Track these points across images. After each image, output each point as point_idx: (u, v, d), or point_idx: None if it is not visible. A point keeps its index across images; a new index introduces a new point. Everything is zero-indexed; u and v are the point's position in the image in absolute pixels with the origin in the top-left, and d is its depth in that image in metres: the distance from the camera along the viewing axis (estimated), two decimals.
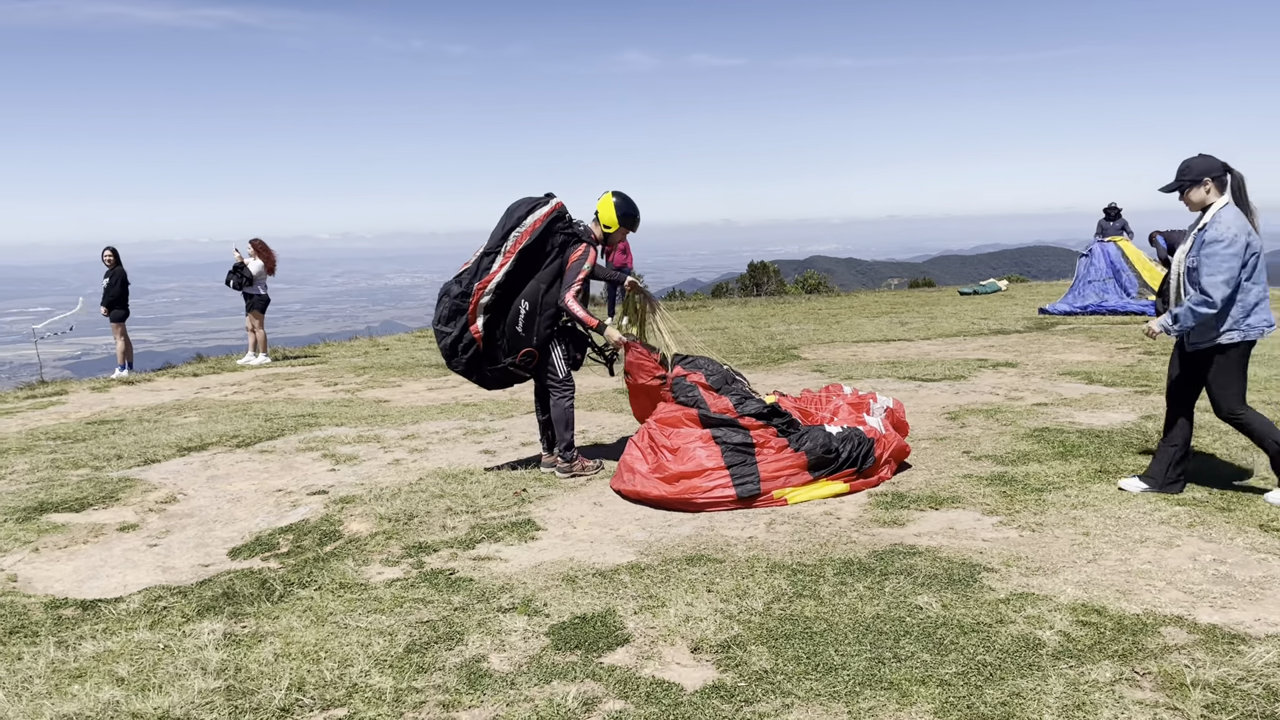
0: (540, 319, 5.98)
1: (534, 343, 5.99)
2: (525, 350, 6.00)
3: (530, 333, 5.97)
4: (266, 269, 13.90)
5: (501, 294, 5.93)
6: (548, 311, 5.99)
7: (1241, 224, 4.67)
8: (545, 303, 5.97)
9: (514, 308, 5.95)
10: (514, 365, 6.06)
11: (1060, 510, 5.04)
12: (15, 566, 5.05)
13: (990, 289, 22.54)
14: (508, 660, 3.65)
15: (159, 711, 3.34)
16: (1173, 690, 3.15)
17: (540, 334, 6.00)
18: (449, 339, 6.07)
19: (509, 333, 5.99)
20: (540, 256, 5.98)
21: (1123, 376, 8.93)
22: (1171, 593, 3.95)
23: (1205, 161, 4.78)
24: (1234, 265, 4.63)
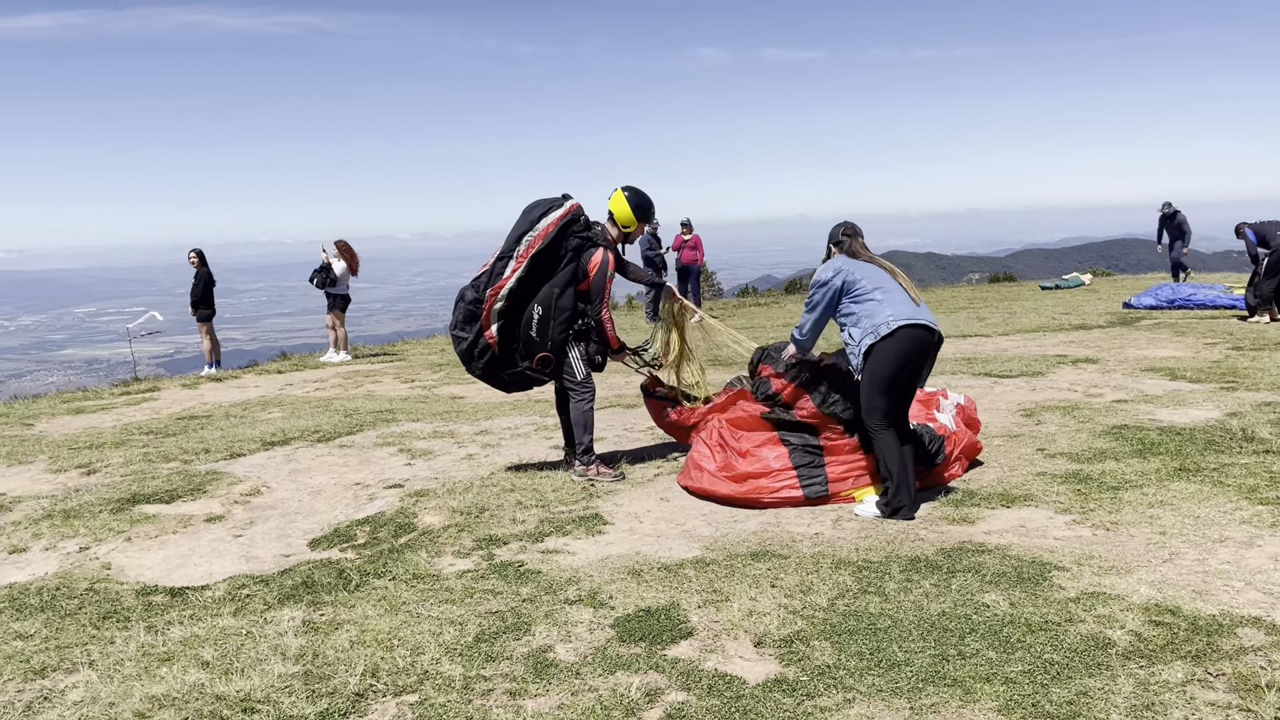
0: (554, 324, 5.92)
1: (548, 347, 5.94)
2: (541, 355, 5.96)
3: (545, 337, 5.93)
4: (350, 270, 14.25)
5: (515, 299, 5.91)
6: (562, 316, 5.93)
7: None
8: (559, 307, 5.92)
9: (528, 313, 5.92)
10: (530, 370, 6.04)
11: (1136, 509, 4.93)
12: (109, 555, 5.29)
13: (1073, 283, 22.00)
14: (573, 651, 3.72)
15: (241, 694, 3.48)
16: (1246, 692, 3.08)
17: (555, 338, 5.96)
18: (465, 344, 6.09)
19: (524, 338, 5.95)
20: (554, 261, 5.91)
21: (1208, 373, 8.66)
22: (1250, 593, 3.85)
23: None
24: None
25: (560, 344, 5.99)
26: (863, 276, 5.16)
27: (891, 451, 5.06)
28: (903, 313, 5.02)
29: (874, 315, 5.04)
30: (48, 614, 4.42)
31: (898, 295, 5.10)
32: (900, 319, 4.99)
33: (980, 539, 4.67)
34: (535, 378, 6.17)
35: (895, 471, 5.05)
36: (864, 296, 5.11)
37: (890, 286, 5.12)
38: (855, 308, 5.14)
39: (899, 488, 5.04)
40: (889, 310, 5.02)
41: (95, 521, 5.84)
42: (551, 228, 5.86)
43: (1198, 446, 6.01)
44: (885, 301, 5.06)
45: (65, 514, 6.03)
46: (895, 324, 4.97)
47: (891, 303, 5.05)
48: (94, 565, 5.11)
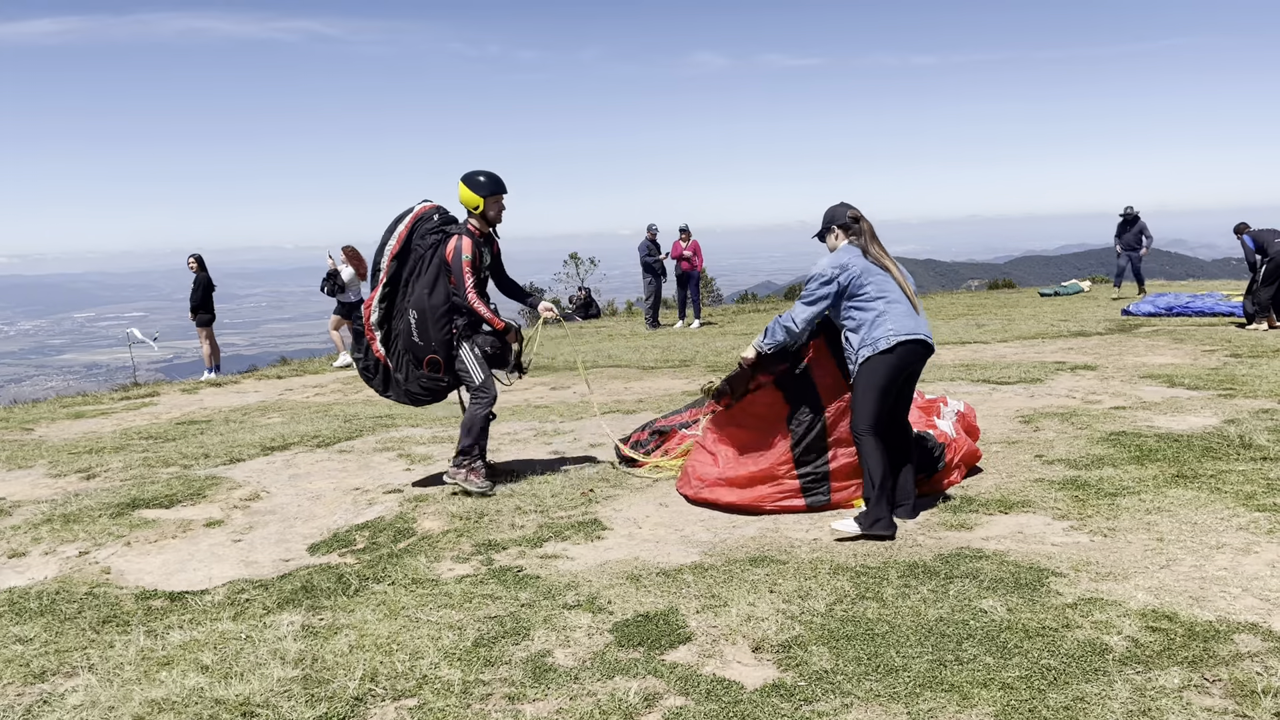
0: (432, 324, 5.84)
1: (433, 348, 5.86)
2: (429, 358, 5.89)
3: (427, 339, 5.85)
4: (359, 275, 14.22)
5: (390, 310, 5.90)
6: (437, 314, 5.83)
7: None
8: (432, 306, 5.83)
9: (405, 320, 5.89)
10: (427, 377, 5.95)
11: (1134, 515, 4.94)
12: (109, 559, 5.30)
13: (1072, 290, 22.04)
14: (572, 656, 3.73)
15: (240, 698, 3.49)
16: (1243, 698, 3.09)
17: (437, 338, 5.86)
18: (361, 364, 6.12)
19: (409, 345, 5.91)
20: (419, 262, 5.87)
21: (1206, 380, 8.68)
22: (1247, 600, 3.86)
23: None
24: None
25: (445, 343, 5.88)
26: (869, 281, 5.01)
27: (874, 459, 4.94)
28: (903, 327, 4.92)
29: (874, 327, 4.94)
30: (47, 618, 4.42)
31: (900, 306, 4.99)
32: (900, 334, 4.91)
33: (978, 545, 4.68)
34: (436, 387, 6.03)
35: (877, 481, 4.91)
36: (867, 304, 4.99)
37: (894, 296, 5.01)
38: (857, 314, 5.02)
39: (879, 499, 4.90)
40: (890, 324, 4.92)
41: (95, 526, 5.85)
42: (404, 232, 5.88)
43: (1195, 453, 6.03)
44: (888, 314, 4.95)
45: (65, 518, 6.04)
46: (895, 340, 4.90)
47: (893, 315, 4.95)
48: (93, 570, 5.12)
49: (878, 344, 4.90)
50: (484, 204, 5.93)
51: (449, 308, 5.83)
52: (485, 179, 5.95)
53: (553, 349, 15.11)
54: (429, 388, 6.02)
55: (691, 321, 18.48)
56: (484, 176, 5.96)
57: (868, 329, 4.96)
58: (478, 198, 5.92)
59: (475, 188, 5.92)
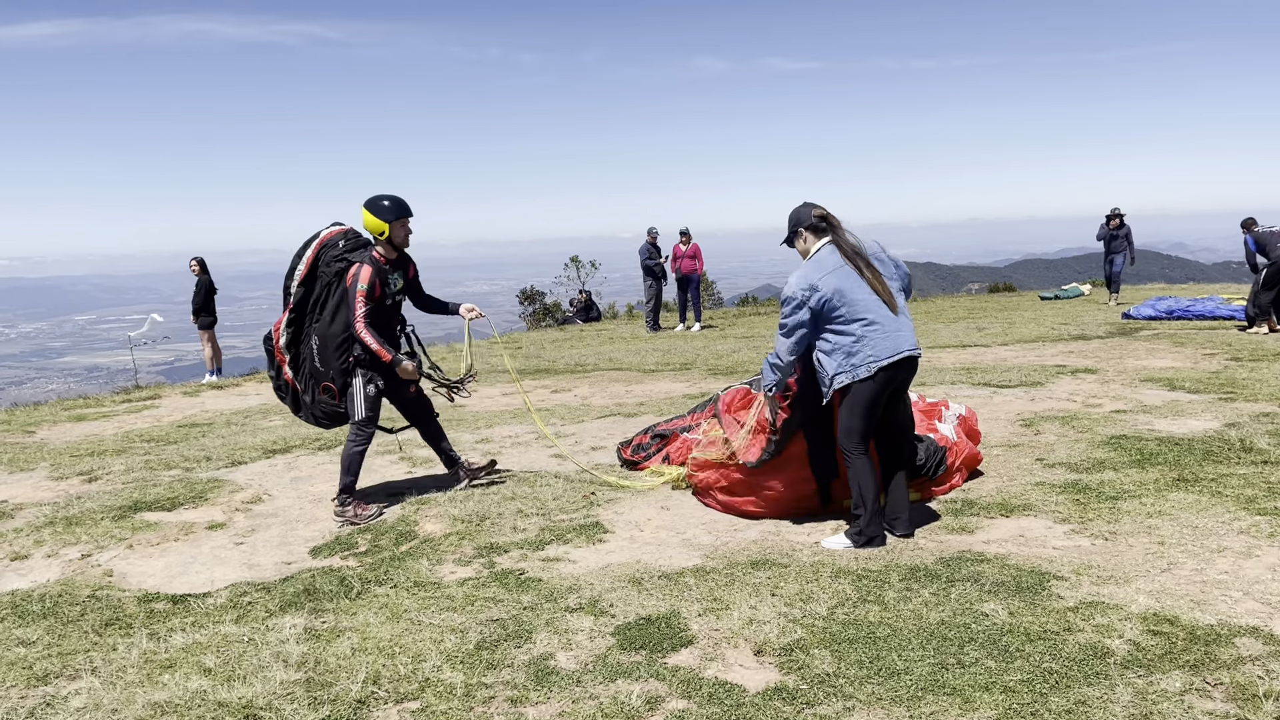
0: (330, 352, 5.77)
1: (330, 376, 5.81)
2: (324, 384, 5.83)
3: (327, 366, 5.80)
4: None
5: (296, 333, 5.90)
6: (334, 343, 5.76)
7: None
8: (332, 334, 5.76)
9: (308, 345, 5.86)
10: (327, 403, 5.88)
11: (1135, 519, 4.95)
12: (111, 562, 5.31)
13: (1073, 293, 22.04)
14: (574, 659, 3.74)
15: (243, 701, 3.50)
16: (1244, 701, 3.09)
17: (335, 366, 5.78)
18: (273, 384, 6.14)
19: (312, 370, 5.88)
20: (324, 289, 5.82)
21: (1207, 383, 8.68)
22: (1248, 603, 3.87)
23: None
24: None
25: (341, 371, 5.80)
26: (841, 303, 4.68)
27: (865, 478, 4.77)
28: (883, 351, 4.66)
29: (851, 354, 4.67)
30: (50, 621, 4.43)
31: (878, 328, 4.68)
32: (881, 360, 4.66)
33: (979, 548, 4.69)
34: (336, 412, 5.95)
35: (869, 498, 4.74)
36: (843, 328, 4.70)
37: (872, 314, 4.68)
38: (833, 338, 4.73)
39: (871, 517, 4.75)
40: (869, 349, 4.66)
41: (97, 529, 5.86)
42: (312, 256, 5.84)
43: (1196, 457, 6.03)
44: (865, 339, 4.66)
45: (67, 521, 6.05)
46: (875, 366, 4.65)
47: (871, 340, 4.66)
48: (96, 572, 5.13)
49: (857, 371, 4.68)
50: (389, 229, 5.73)
51: (347, 336, 5.72)
52: (390, 203, 5.74)
53: (485, 358, 15.12)
54: (329, 413, 5.96)
55: (692, 324, 18.49)
56: (388, 201, 5.75)
57: (844, 356, 4.70)
58: (382, 223, 5.71)
59: (379, 213, 5.72)
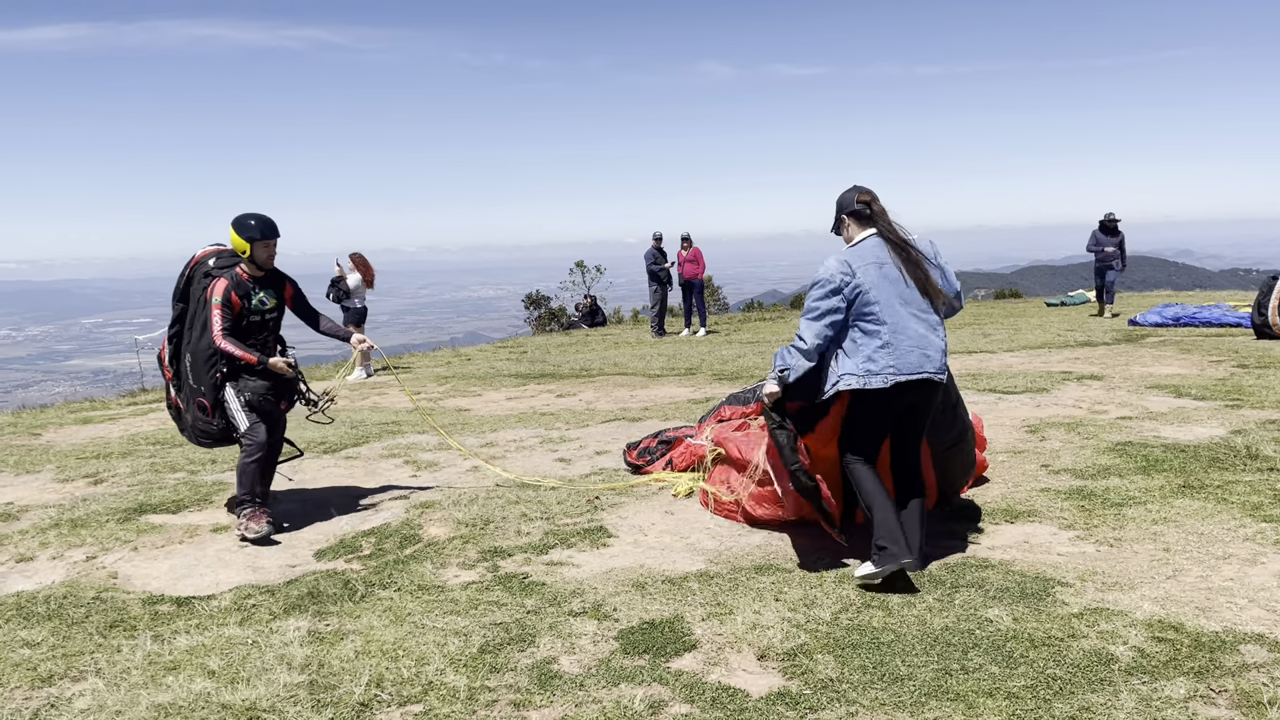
0: (201, 367, 5.81)
1: (203, 392, 5.82)
2: (198, 401, 5.84)
3: (199, 383, 5.83)
4: (366, 282, 14.17)
5: (176, 350, 5.95)
6: (204, 357, 5.79)
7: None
8: (201, 349, 5.80)
9: (183, 363, 5.90)
10: (202, 420, 5.87)
11: (1140, 525, 4.94)
12: (116, 564, 5.32)
13: (1079, 300, 22.01)
14: (577, 663, 3.74)
15: (246, 703, 3.50)
16: (1249, 708, 3.08)
17: (205, 381, 5.80)
18: (166, 403, 6.16)
19: (187, 388, 5.91)
20: (195, 305, 5.87)
21: (1213, 390, 8.66)
22: (1254, 610, 3.86)
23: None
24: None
25: (212, 386, 5.81)
26: (876, 300, 4.25)
27: (868, 483, 4.35)
28: (906, 364, 4.22)
29: (872, 358, 4.24)
30: (54, 622, 4.44)
31: (907, 337, 4.24)
32: (902, 373, 4.22)
33: (984, 554, 4.68)
34: (209, 428, 5.91)
35: (876, 513, 4.28)
36: (871, 328, 4.27)
37: (904, 319, 4.26)
38: (858, 336, 4.31)
39: (880, 531, 4.25)
40: (892, 359, 4.22)
41: (102, 531, 5.88)
42: (186, 273, 5.92)
43: (1202, 464, 6.02)
44: (892, 346, 4.22)
45: (72, 523, 6.07)
46: (893, 379, 4.22)
47: (899, 348, 4.22)
48: (101, 574, 5.14)
49: (871, 379, 4.23)
50: (251, 249, 5.74)
51: (214, 351, 5.74)
52: (254, 223, 5.76)
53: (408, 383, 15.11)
54: (204, 430, 5.93)
55: (697, 329, 18.49)
56: (253, 220, 5.77)
57: (864, 358, 4.26)
58: (245, 242, 5.74)
59: (243, 231, 5.74)
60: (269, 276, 5.91)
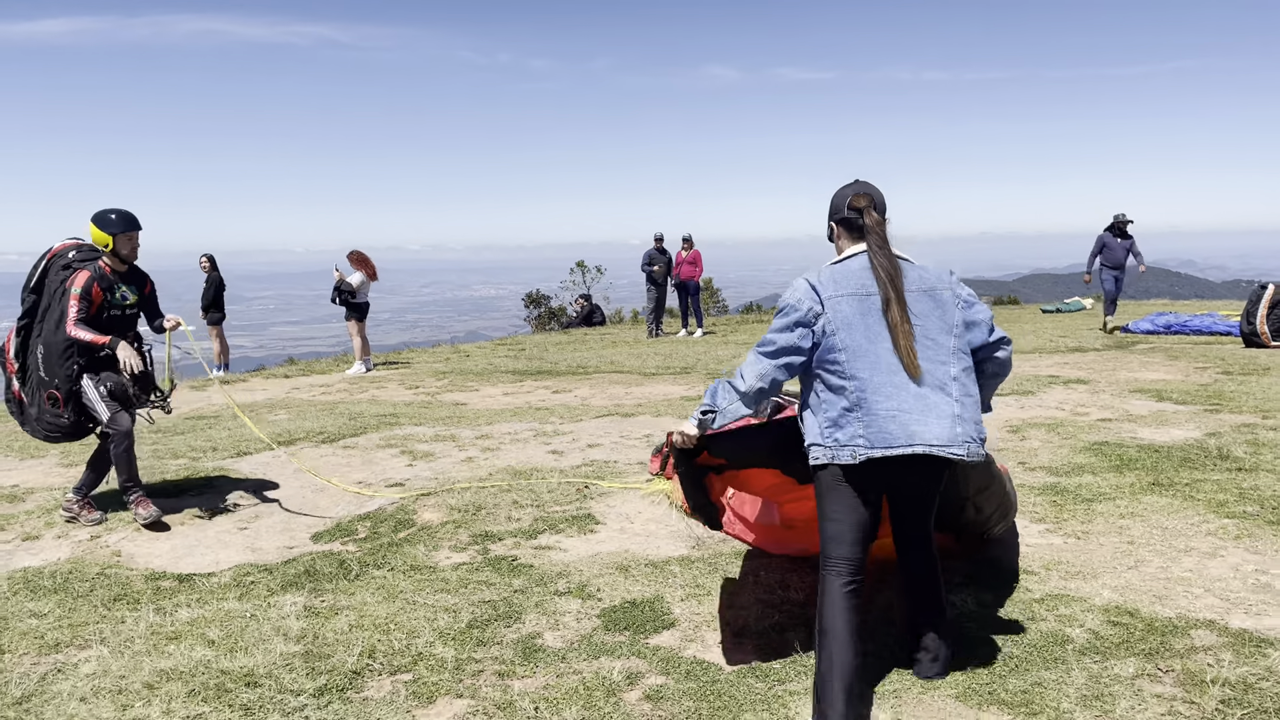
0: (56, 359, 5.78)
1: (55, 384, 5.79)
2: (49, 393, 5.83)
3: (52, 375, 5.79)
4: (369, 277, 14.25)
5: (24, 342, 5.92)
6: (60, 349, 5.76)
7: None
8: (56, 341, 5.77)
9: (34, 355, 5.88)
10: (50, 413, 5.84)
11: (1108, 520, 5.12)
12: (120, 543, 5.50)
13: (1074, 307, 22.19)
14: (560, 638, 3.92)
15: (244, 670, 3.69)
16: (1192, 686, 3.26)
17: (60, 374, 5.77)
18: (5, 398, 6.14)
19: (38, 380, 5.89)
20: (51, 299, 5.85)
21: (1195, 395, 8.84)
22: (1208, 599, 4.03)
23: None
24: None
25: (69, 378, 5.77)
26: (845, 344, 3.16)
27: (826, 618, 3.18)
28: (881, 435, 3.09)
29: (838, 423, 3.15)
30: (60, 595, 4.62)
31: (884, 398, 3.11)
32: (874, 448, 3.09)
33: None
34: (58, 421, 5.87)
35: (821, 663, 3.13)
36: (837, 381, 3.17)
37: (881, 372, 3.13)
38: (820, 390, 3.22)
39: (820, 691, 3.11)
40: (860, 426, 3.11)
41: (106, 511, 6.05)
42: (43, 266, 5.93)
43: (1173, 463, 6.19)
44: (862, 408, 3.12)
45: None
46: (862, 455, 3.09)
47: (869, 414, 3.10)
48: (105, 552, 5.32)
49: (838, 454, 3.13)
50: (114, 241, 5.77)
51: (71, 344, 5.77)
52: (115, 216, 5.79)
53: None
54: (54, 424, 5.93)
55: (694, 330, 18.66)
56: (114, 214, 5.80)
57: (828, 423, 3.18)
58: (107, 235, 5.77)
59: (104, 225, 5.77)
60: (131, 272, 5.93)
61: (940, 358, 3.18)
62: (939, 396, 3.13)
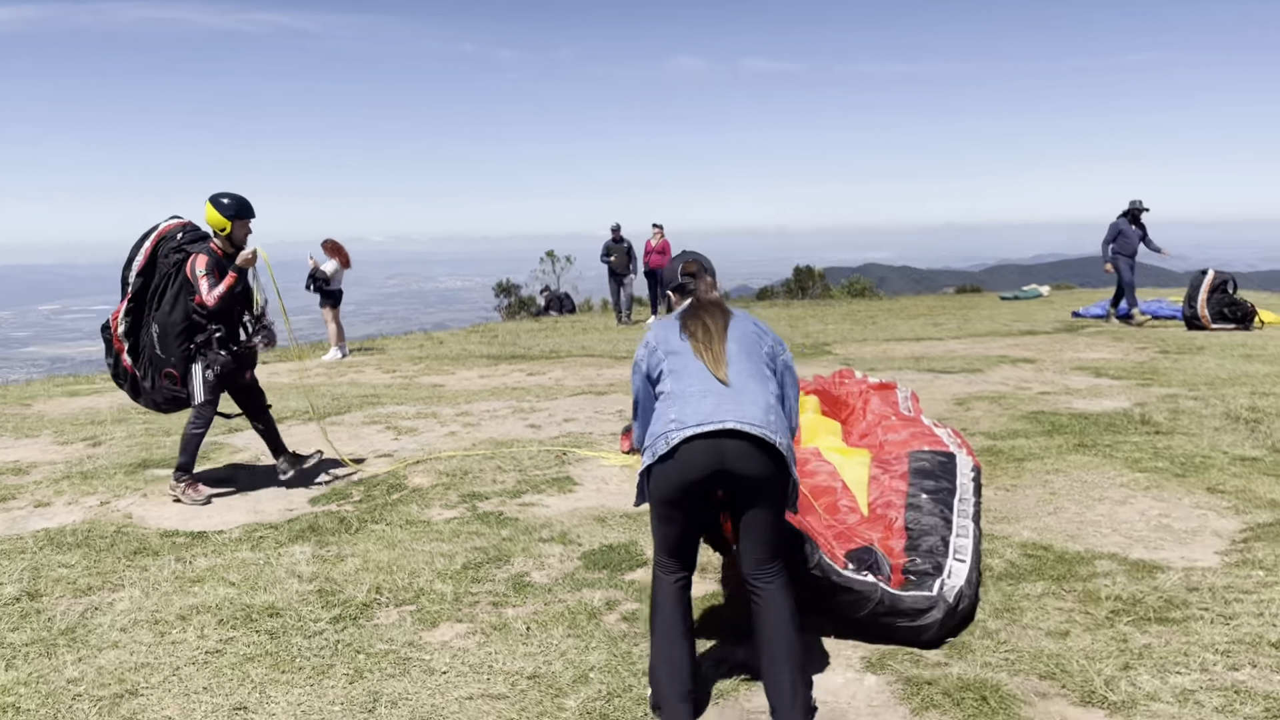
0: (172, 340, 6.03)
1: (172, 362, 6.07)
2: (166, 370, 6.11)
3: (168, 353, 6.07)
4: (342, 265, 14.55)
5: (134, 322, 6.17)
6: (175, 330, 6.03)
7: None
8: (172, 322, 6.02)
9: (148, 332, 6.13)
10: (168, 389, 6.15)
11: (1035, 475, 5.69)
12: (129, 507, 5.91)
13: (1031, 295, 22.93)
14: (547, 575, 4.42)
15: (265, 604, 4.15)
16: (1089, 601, 3.83)
17: (175, 353, 6.05)
18: (111, 370, 6.44)
19: (152, 357, 6.15)
20: (163, 279, 6.10)
21: (1131, 371, 9.48)
22: (1114, 538, 4.61)
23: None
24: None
25: (183, 358, 6.07)
26: (665, 355, 3.41)
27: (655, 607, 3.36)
28: (691, 415, 3.19)
29: (657, 419, 3.31)
30: (84, 549, 5.04)
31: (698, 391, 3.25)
32: (685, 427, 3.17)
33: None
34: (178, 396, 6.21)
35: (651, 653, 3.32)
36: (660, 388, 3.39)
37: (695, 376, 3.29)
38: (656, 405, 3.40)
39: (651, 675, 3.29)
40: (674, 412, 3.23)
41: (112, 481, 6.47)
42: (150, 247, 6.19)
43: (1099, 428, 6.80)
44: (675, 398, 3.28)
45: (82, 475, 6.65)
46: (676, 437, 3.16)
47: (682, 402, 3.24)
48: (116, 515, 5.74)
49: (656, 448, 3.22)
50: (231, 227, 6.02)
51: (187, 325, 6.08)
52: (230, 201, 6.01)
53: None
54: (171, 398, 6.28)
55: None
56: (228, 199, 6.02)
57: (652, 423, 3.35)
58: (224, 220, 6.00)
59: (221, 209, 5.99)
60: (237, 254, 6.20)
61: (745, 373, 3.31)
62: (742, 393, 3.24)
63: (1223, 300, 13.74)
